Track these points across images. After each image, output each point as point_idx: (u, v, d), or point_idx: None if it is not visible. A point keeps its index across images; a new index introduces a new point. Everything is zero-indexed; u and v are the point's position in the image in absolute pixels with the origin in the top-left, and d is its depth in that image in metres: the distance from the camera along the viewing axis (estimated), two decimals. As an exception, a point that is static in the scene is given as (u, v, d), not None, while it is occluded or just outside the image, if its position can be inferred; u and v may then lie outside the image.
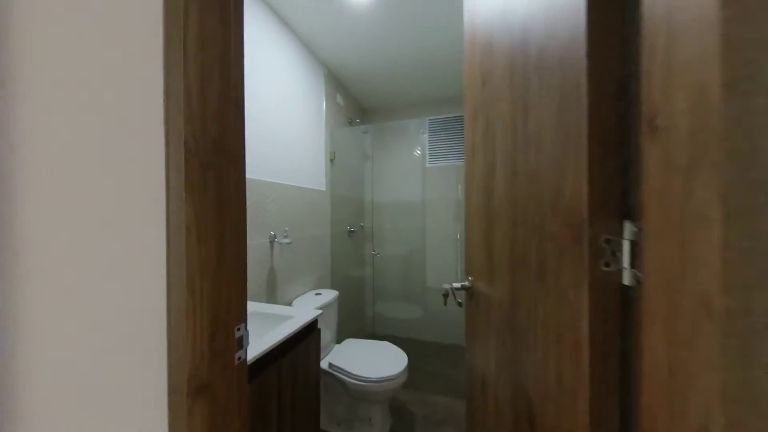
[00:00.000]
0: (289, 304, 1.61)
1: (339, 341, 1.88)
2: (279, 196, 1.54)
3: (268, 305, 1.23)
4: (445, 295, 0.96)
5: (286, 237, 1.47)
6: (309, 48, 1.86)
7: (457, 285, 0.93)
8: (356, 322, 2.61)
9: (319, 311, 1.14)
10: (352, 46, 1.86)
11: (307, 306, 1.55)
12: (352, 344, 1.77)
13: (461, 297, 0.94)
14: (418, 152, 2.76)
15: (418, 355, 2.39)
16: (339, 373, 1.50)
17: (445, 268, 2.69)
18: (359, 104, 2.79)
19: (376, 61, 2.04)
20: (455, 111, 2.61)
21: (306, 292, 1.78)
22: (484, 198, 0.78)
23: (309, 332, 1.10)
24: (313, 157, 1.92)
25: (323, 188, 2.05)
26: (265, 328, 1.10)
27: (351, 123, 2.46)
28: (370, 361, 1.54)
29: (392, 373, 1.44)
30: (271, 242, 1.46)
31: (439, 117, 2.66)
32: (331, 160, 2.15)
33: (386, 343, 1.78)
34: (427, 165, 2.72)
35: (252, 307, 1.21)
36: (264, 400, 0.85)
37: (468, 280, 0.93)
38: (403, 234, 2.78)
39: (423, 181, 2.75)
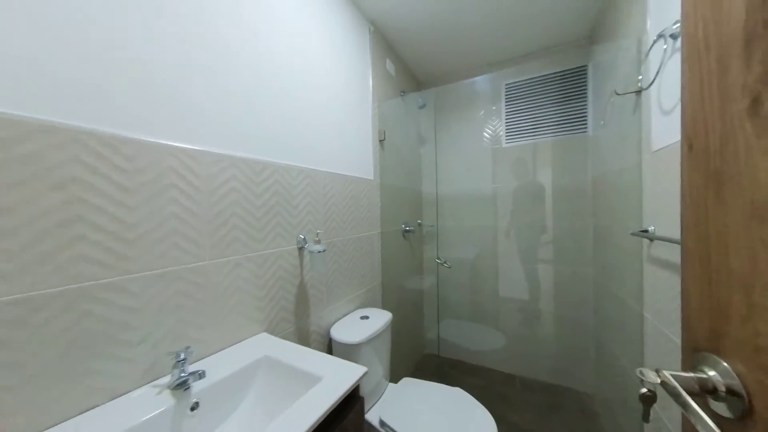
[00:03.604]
0: (327, 333, 1.20)
1: (393, 379, 1.42)
2: (311, 186, 1.14)
3: (288, 345, 0.83)
4: (648, 398, 0.40)
5: (318, 242, 1.06)
6: (350, -6, 1.43)
7: (686, 377, 0.37)
8: (413, 345, 2.12)
9: (363, 370, 0.69)
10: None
11: (350, 333, 1.12)
12: (412, 389, 1.29)
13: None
14: (490, 130, 2.13)
15: (497, 397, 1.79)
16: (394, 439, 1.03)
17: (523, 277, 2.02)
18: (413, 75, 2.28)
19: (434, 7, 1.51)
20: (548, 67, 1.91)
21: (349, 313, 1.36)
22: None
23: (347, 404, 0.65)
24: (357, 136, 1.48)
25: (371, 177, 1.61)
26: (279, 397, 0.69)
27: (404, 95, 1.97)
28: (442, 427, 1.04)
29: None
30: (300, 249, 1.06)
31: (521, 80, 2.00)
32: (381, 141, 1.69)
33: (460, 392, 1.25)
34: (504, 145, 2.07)
35: (266, 346, 0.81)
36: None
37: (720, 369, 0.36)
38: (469, 234, 2.19)
39: (494, 167, 2.11)
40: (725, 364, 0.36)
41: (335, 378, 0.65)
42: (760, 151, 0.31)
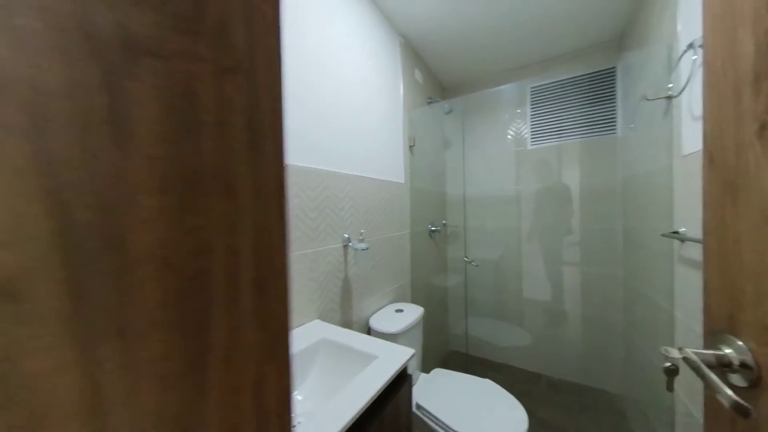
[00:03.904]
0: (366, 323, 1.32)
1: (425, 369, 1.52)
2: (354, 190, 1.26)
3: (340, 330, 0.95)
4: (671, 371, 0.48)
5: (362, 241, 1.17)
6: (382, 12, 1.54)
7: (706, 353, 0.45)
8: (439, 342, 2.20)
9: (411, 351, 0.79)
10: (432, 6, 1.46)
11: (388, 324, 1.23)
12: (443, 378, 1.38)
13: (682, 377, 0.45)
14: (514, 132, 2.17)
15: (522, 394, 1.84)
16: (431, 421, 1.13)
17: (548, 279, 2.05)
18: (439, 82, 2.36)
19: (461, 20, 1.59)
20: (574, 69, 1.93)
21: (384, 306, 1.47)
22: None
23: (397, 383, 0.75)
24: (390, 143, 1.59)
25: (402, 180, 1.71)
26: (340, 371, 0.81)
27: (431, 103, 2.06)
28: (474, 413, 1.13)
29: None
30: (345, 247, 1.18)
31: (546, 83, 2.03)
32: (411, 147, 1.79)
33: (490, 383, 1.33)
34: (529, 147, 2.11)
35: (323, 330, 0.94)
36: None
37: (736, 347, 0.43)
38: (493, 235, 2.24)
39: (518, 169, 2.15)
40: (740, 342, 0.43)
41: (388, 357, 0.76)
42: (767, 167, 0.39)
